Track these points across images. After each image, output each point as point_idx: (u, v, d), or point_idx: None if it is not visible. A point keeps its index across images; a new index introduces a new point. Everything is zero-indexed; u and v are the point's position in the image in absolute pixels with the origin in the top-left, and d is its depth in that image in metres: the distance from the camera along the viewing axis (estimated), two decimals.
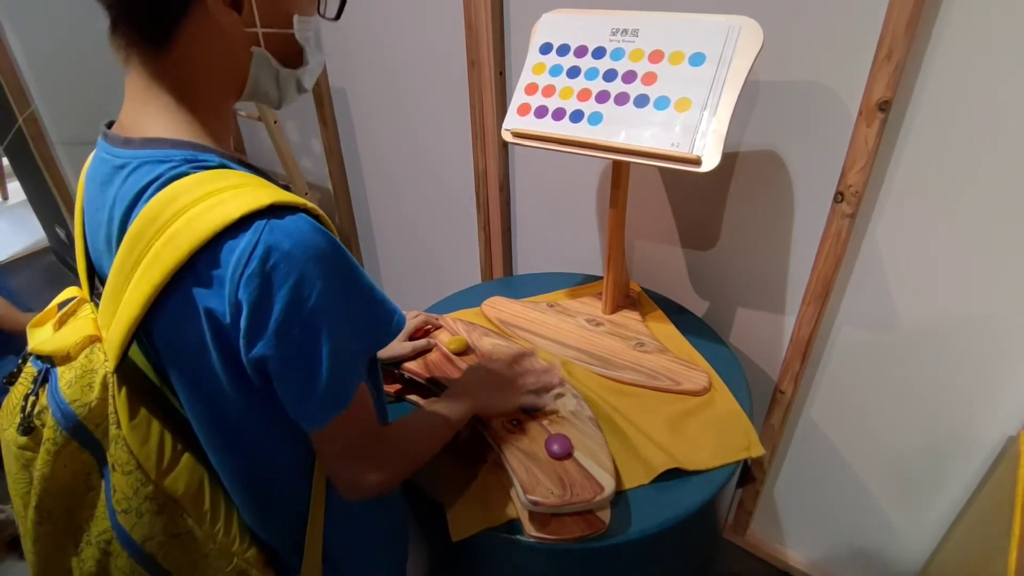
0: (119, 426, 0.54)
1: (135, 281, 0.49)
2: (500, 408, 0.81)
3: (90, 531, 0.58)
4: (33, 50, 1.96)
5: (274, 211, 0.48)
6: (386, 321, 0.57)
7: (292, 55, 0.58)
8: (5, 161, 3.14)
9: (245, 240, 0.47)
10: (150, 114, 0.53)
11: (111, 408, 0.54)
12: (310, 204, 0.52)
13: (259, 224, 0.47)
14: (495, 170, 1.39)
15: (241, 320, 0.48)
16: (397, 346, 0.94)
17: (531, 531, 0.72)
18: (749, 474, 1.31)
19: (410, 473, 0.66)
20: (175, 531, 0.58)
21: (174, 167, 0.50)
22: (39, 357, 0.56)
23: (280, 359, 0.51)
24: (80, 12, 1.92)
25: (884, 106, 0.84)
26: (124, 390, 0.54)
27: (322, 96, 1.69)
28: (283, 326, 0.49)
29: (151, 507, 0.56)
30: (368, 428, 0.60)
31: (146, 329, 0.53)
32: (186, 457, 0.59)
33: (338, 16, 0.61)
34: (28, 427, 0.54)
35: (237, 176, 0.51)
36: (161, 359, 0.56)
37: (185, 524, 0.59)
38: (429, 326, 1.03)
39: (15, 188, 3.27)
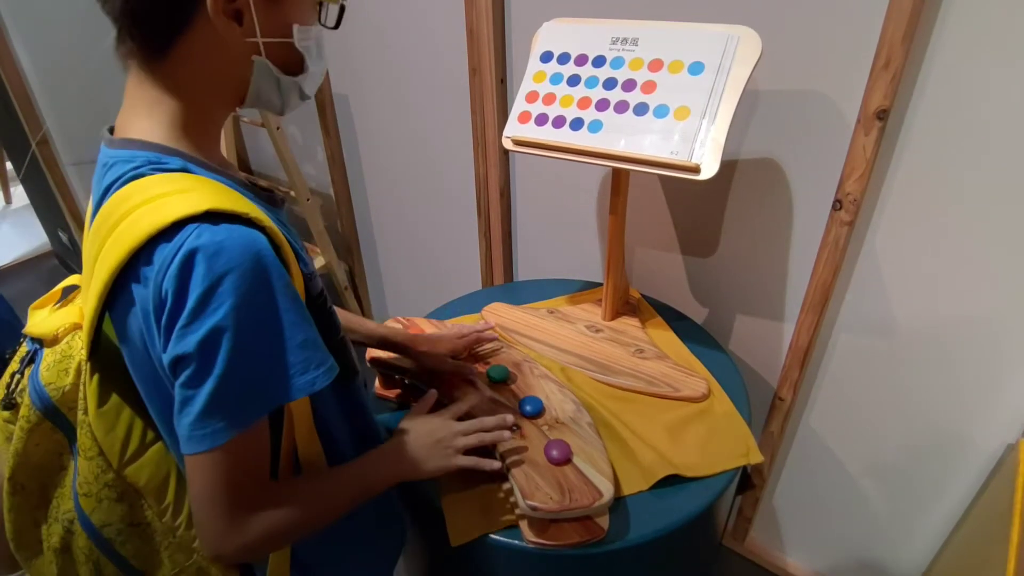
0: (86, 412, 0.55)
1: (94, 275, 0.51)
2: (430, 473, 0.69)
3: (58, 508, 0.59)
4: (43, 69, 1.97)
5: (210, 217, 0.48)
6: (290, 372, 0.50)
7: (293, 63, 0.58)
8: (9, 165, 3.15)
9: (173, 243, 0.47)
10: (135, 116, 0.54)
11: (82, 394, 0.55)
12: (265, 220, 0.50)
13: (190, 228, 0.47)
14: (496, 177, 1.40)
15: (162, 320, 0.48)
16: (437, 361, 0.91)
17: (530, 537, 0.72)
18: (748, 481, 1.31)
19: (292, 542, 0.59)
20: (134, 520, 0.59)
21: (136, 167, 0.51)
22: (32, 338, 0.58)
23: (177, 363, 0.48)
24: (93, 32, 1.94)
25: (882, 115, 0.84)
26: (96, 377, 0.55)
27: (324, 103, 1.70)
28: (185, 329, 0.47)
29: (110, 494, 0.57)
30: (249, 477, 0.52)
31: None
32: (155, 448, 0.59)
33: (337, 25, 0.62)
34: (10, 402, 0.57)
35: (191, 180, 0.51)
36: None
37: (145, 515, 0.60)
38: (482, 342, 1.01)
39: (18, 192, 3.28)
